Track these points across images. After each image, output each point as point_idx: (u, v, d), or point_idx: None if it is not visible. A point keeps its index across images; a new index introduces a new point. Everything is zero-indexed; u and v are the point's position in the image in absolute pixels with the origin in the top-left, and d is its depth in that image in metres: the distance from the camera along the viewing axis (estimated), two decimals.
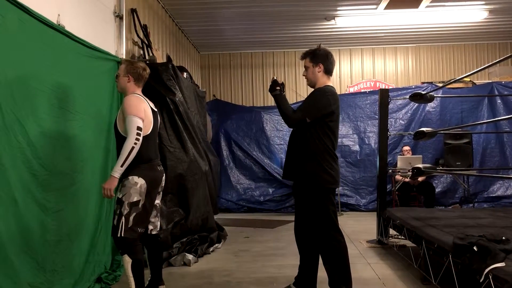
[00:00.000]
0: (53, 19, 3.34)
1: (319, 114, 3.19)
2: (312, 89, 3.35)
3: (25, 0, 2.94)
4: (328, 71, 3.34)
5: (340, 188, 8.15)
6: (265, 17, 7.26)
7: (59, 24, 3.44)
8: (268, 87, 3.35)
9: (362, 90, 9.14)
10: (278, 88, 3.29)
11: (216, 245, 5.25)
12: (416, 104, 8.29)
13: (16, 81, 2.87)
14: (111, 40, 4.59)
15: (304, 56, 3.36)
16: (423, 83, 8.91)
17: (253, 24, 7.65)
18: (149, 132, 3.20)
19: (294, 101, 8.78)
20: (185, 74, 5.92)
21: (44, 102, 3.19)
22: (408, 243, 4.52)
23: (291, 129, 3.41)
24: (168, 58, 6.45)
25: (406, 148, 7.93)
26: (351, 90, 9.25)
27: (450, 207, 7.62)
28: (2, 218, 2.68)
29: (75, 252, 3.49)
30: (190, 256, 4.54)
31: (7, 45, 2.79)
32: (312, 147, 3.19)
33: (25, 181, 2.94)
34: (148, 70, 3.37)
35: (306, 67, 3.36)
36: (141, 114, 3.12)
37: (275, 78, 3.34)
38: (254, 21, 7.49)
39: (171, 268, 4.36)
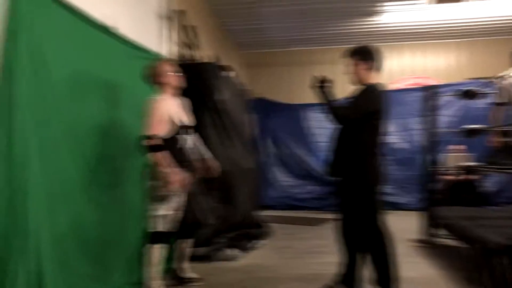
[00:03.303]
0: (104, 21, 3.51)
1: (367, 111, 3.17)
2: (359, 87, 3.33)
3: (78, 4, 3.11)
4: (376, 68, 3.31)
5: (386, 186, 8.00)
6: (310, 14, 7.23)
7: (109, 27, 3.60)
8: (314, 84, 3.33)
9: (410, 87, 8.93)
10: (325, 85, 3.29)
11: (260, 241, 5.32)
12: (466, 101, 8.00)
13: (70, 80, 3.05)
14: (158, 40, 4.74)
15: (351, 53, 3.34)
16: (473, 79, 8.59)
17: (297, 21, 7.64)
18: None
19: (340, 99, 8.69)
20: (230, 73, 6.01)
21: (96, 101, 3.37)
22: (455, 243, 4.41)
23: (336, 126, 3.40)
24: (214, 57, 6.56)
25: (455, 146, 7.68)
26: (398, 86, 9.06)
27: (501, 207, 7.33)
28: (63, 214, 2.86)
29: (123, 246, 3.64)
30: (234, 251, 4.62)
31: (61, 45, 2.97)
32: (359, 145, 3.18)
33: (80, 177, 3.11)
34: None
35: (353, 65, 3.33)
36: None
37: (323, 75, 3.34)
38: (298, 19, 7.49)
39: (216, 263, 4.45)
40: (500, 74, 4.93)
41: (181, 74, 3.55)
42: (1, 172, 2.43)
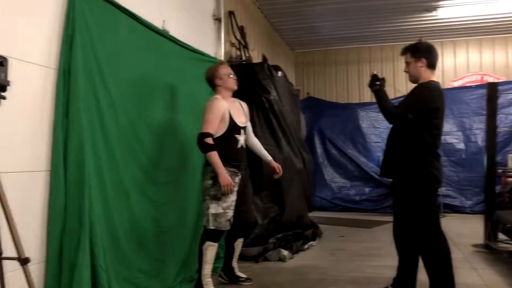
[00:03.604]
0: (158, 25, 3.60)
1: (422, 110, 3.05)
2: (415, 85, 3.22)
3: (134, 9, 3.21)
4: (431, 66, 3.18)
5: (443, 188, 7.70)
6: (361, 11, 7.09)
7: (164, 30, 3.69)
8: (368, 82, 3.26)
9: (467, 84, 8.54)
10: (378, 83, 3.21)
11: (311, 242, 5.26)
12: None
13: (126, 82, 3.15)
14: (210, 42, 4.81)
15: (405, 51, 3.23)
16: None
17: (348, 19, 7.52)
18: None
19: (393, 97, 8.48)
20: (279, 73, 6.01)
21: (151, 101, 3.46)
22: None
23: (390, 126, 3.30)
24: (264, 57, 6.58)
25: None
26: (455, 84, 8.69)
27: None
28: (117, 210, 2.95)
29: (178, 243, 3.71)
30: (285, 252, 4.59)
31: (119, 49, 3.07)
32: (414, 145, 3.07)
33: (136, 175, 3.21)
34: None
35: (407, 63, 3.22)
36: None
37: (375, 73, 3.27)
38: (349, 16, 7.37)
39: (267, 263, 4.45)
40: None
41: (237, 76, 3.61)
42: (60, 170, 2.54)
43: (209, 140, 3.28)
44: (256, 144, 3.89)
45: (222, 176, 3.25)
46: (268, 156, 3.89)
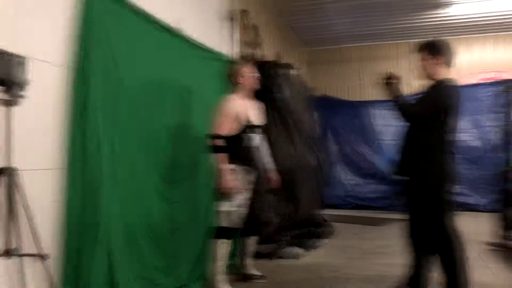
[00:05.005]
0: (172, 24, 3.64)
1: (438, 108, 3.05)
2: (430, 82, 3.21)
3: (149, 8, 3.25)
4: (447, 63, 3.17)
5: (457, 186, 7.63)
6: (375, 8, 7.06)
7: (178, 29, 3.73)
8: (381, 80, 3.25)
9: (482, 82, 8.44)
10: (392, 81, 3.21)
11: (324, 240, 5.27)
12: None
13: (142, 81, 3.19)
14: (223, 41, 4.84)
15: (421, 48, 3.22)
16: None
17: (362, 16, 7.48)
18: None
19: (408, 95, 8.41)
20: (292, 71, 6.01)
21: (166, 100, 3.51)
22: None
23: (403, 124, 3.30)
24: (277, 56, 6.59)
25: None
26: (469, 81, 8.60)
27: None
28: (133, 207, 3.00)
29: (191, 241, 3.76)
30: (298, 250, 4.61)
31: (134, 48, 3.12)
32: (429, 143, 3.07)
33: (150, 173, 3.26)
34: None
35: (423, 60, 3.21)
36: None
37: (388, 71, 3.26)
38: (362, 14, 7.33)
39: (280, 261, 4.47)
40: None
41: (260, 75, 3.63)
42: (76, 169, 2.59)
43: (218, 142, 3.32)
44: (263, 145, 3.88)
45: (224, 179, 3.29)
46: (269, 164, 3.87)
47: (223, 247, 3.41)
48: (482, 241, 5.14)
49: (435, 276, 3.18)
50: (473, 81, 8.55)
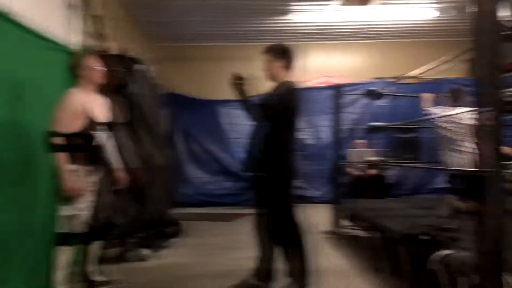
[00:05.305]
0: (2, 7, 3.19)
1: (283, 108, 3.23)
2: (273, 84, 3.38)
3: None
4: (289, 66, 3.38)
5: (299, 181, 8.22)
6: (221, 10, 7.24)
7: (9, 13, 3.28)
8: (231, 81, 3.29)
9: (319, 85, 9.26)
10: (241, 82, 3.29)
11: (174, 239, 5.22)
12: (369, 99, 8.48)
13: None
14: (68, 31, 4.45)
15: (266, 51, 3.39)
16: (378, 78, 9.12)
17: (209, 16, 7.60)
18: None
19: (254, 96, 8.76)
20: (140, 66, 5.80)
21: None
22: (362, 233, 4.67)
23: (250, 123, 3.43)
24: (123, 49, 6.29)
25: (359, 141, 8.13)
26: (309, 85, 9.35)
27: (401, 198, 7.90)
28: None
29: (31, 249, 3.37)
30: (146, 251, 4.49)
31: None
32: (277, 141, 3.24)
33: None
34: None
35: (267, 62, 3.38)
36: None
37: (238, 72, 3.33)
38: (210, 14, 7.45)
39: (127, 264, 4.28)
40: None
41: (106, 68, 3.39)
42: None
43: (57, 140, 3.04)
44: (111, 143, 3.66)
45: (65, 181, 3.06)
46: (116, 164, 3.62)
47: (65, 254, 3.14)
48: (321, 230, 5.63)
49: (282, 266, 3.36)
50: (309, 84, 9.32)
